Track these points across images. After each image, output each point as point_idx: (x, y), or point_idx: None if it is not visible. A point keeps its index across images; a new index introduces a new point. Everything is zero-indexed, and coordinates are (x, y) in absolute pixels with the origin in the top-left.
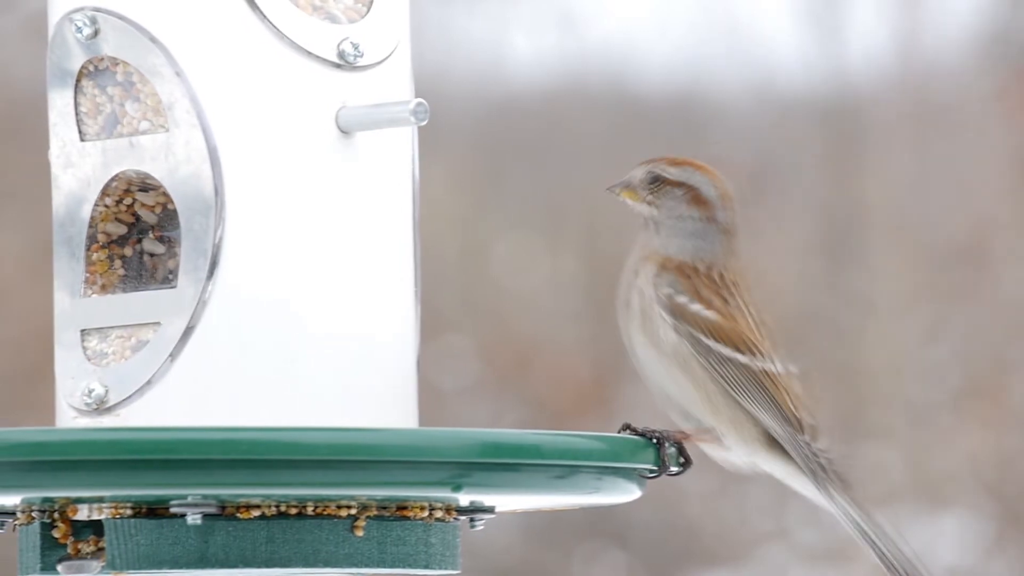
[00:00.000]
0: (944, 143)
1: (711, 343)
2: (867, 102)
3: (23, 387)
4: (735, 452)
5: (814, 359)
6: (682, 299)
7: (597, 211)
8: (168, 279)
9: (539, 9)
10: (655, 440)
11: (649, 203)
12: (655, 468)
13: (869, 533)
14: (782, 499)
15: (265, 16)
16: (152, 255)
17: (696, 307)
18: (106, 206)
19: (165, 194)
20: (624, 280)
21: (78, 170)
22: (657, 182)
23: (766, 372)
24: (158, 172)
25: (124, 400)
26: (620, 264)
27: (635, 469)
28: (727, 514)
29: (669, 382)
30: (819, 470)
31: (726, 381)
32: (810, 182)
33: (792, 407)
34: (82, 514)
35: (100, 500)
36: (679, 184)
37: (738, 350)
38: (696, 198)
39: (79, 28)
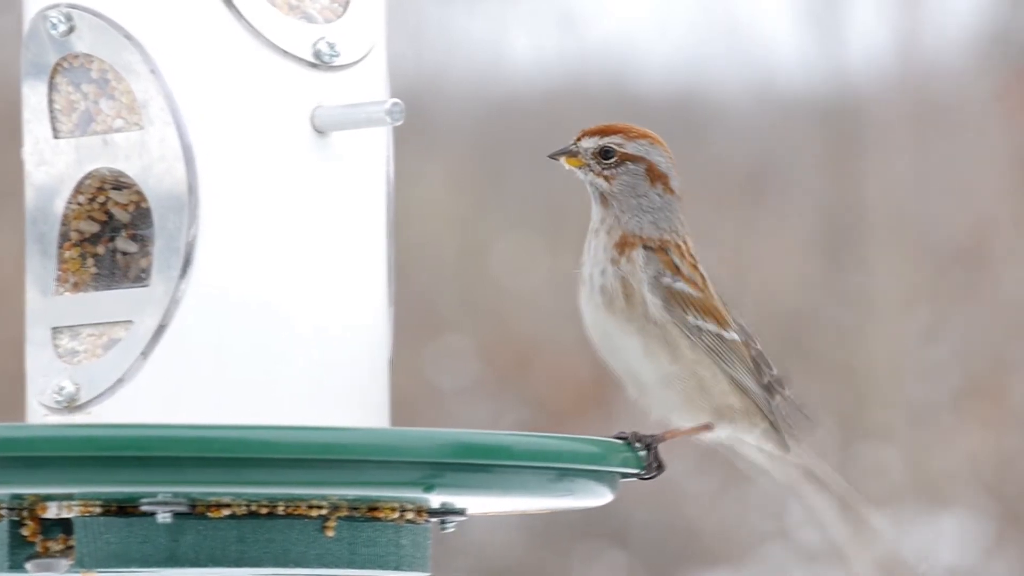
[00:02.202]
0: (944, 143)
1: (699, 322)
2: (867, 102)
3: (24, 386)
4: (720, 432)
5: (814, 359)
6: (667, 280)
7: None
8: (141, 278)
9: (539, 9)
10: (646, 445)
11: (606, 178)
12: (629, 471)
13: (845, 491)
14: (782, 499)
15: (241, 15)
16: (125, 254)
17: (680, 286)
18: (79, 204)
19: (139, 192)
20: (592, 262)
21: (51, 167)
22: (611, 156)
23: (736, 342)
24: (132, 170)
25: (95, 398)
26: None
27: (608, 472)
28: (727, 514)
29: (649, 367)
30: (795, 439)
31: (719, 356)
32: (810, 182)
33: (760, 372)
34: (51, 512)
35: (70, 498)
36: (636, 159)
37: (719, 324)
38: (654, 172)
39: (54, 25)
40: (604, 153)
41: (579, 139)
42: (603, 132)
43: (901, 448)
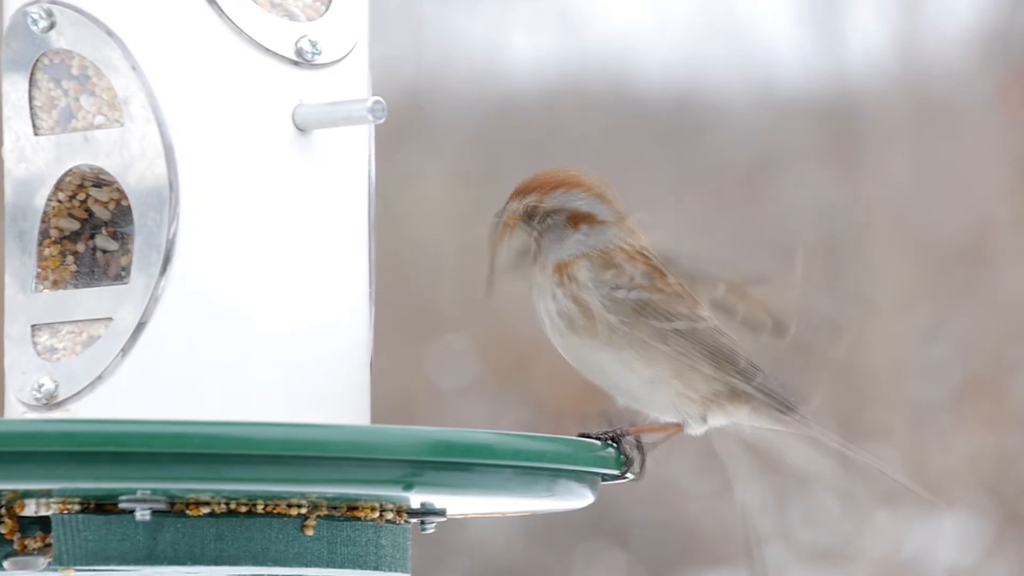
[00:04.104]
0: (944, 143)
1: (664, 323)
2: (867, 102)
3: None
4: (703, 426)
5: (814, 359)
6: (621, 292)
7: None
8: (120, 275)
9: (539, 9)
10: (613, 440)
11: (537, 233)
12: (613, 472)
13: (849, 449)
14: (782, 499)
15: (223, 11)
16: (105, 251)
17: (636, 294)
18: (59, 201)
19: (119, 190)
20: (540, 297)
21: (31, 164)
22: (536, 215)
23: (715, 329)
24: (112, 167)
25: (74, 395)
26: None
27: (590, 472)
28: (727, 514)
29: (629, 376)
30: (789, 407)
31: (693, 350)
32: (810, 182)
33: (743, 351)
34: (29, 510)
35: (48, 495)
36: (556, 211)
37: (689, 317)
38: (576, 216)
39: (35, 20)
40: (531, 215)
41: (510, 199)
42: (523, 192)
43: (901, 448)
